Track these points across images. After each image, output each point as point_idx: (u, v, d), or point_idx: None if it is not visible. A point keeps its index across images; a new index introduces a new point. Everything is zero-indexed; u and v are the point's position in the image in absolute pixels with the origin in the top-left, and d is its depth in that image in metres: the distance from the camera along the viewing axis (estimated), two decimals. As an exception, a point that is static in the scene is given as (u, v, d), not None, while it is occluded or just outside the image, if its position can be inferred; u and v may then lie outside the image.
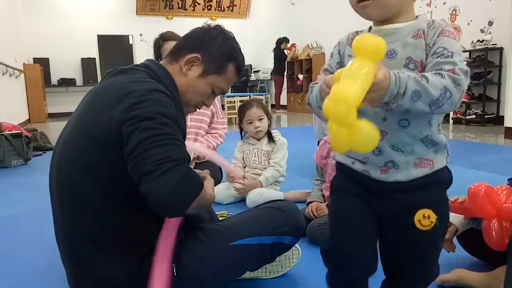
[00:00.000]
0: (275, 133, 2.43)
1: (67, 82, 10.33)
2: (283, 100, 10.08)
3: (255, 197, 2.20)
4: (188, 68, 1.14)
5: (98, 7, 10.63)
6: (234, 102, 7.44)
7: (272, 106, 9.54)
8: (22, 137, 3.89)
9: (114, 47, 11.07)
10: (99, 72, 10.55)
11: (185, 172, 0.90)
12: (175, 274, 1.04)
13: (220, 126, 2.66)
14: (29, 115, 8.60)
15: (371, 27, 0.95)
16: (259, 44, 11.07)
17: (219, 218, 1.50)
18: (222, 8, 11.86)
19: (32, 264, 1.62)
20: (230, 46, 1.18)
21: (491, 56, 5.59)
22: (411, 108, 0.79)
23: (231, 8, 11.95)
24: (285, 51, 9.64)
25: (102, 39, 10.79)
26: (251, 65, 11.27)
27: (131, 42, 11.25)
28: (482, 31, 5.76)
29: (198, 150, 1.87)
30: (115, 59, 9.07)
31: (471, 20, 5.90)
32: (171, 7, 11.36)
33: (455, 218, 1.35)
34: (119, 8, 10.84)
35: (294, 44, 9.90)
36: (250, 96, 7.64)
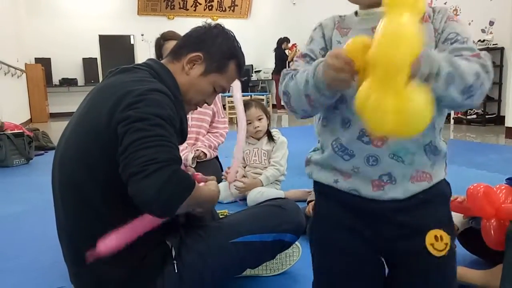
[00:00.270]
0: (274, 132, 2.44)
1: (68, 82, 10.36)
2: (284, 100, 10.07)
3: (256, 196, 2.21)
4: (190, 67, 1.15)
5: (100, 7, 10.65)
6: (235, 102, 7.42)
7: (273, 106, 9.54)
8: (24, 136, 3.90)
9: (116, 47, 11.09)
10: (100, 72, 10.56)
11: (171, 173, 0.88)
12: (176, 271, 1.05)
13: (221, 126, 2.66)
14: (30, 115, 8.61)
15: (357, 12, 0.81)
16: (260, 44, 11.07)
17: (220, 217, 1.51)
18: (224, 8, 11.87)
19: (34, 262, 1.62)
20: (230, 45, 1.19)
21: (492, 56, 5.46)
22: (443, 94, 0.66)
23: (232, 8, 11.96)
24: (286, 51, 9.63)
25: (103, 39, 10.82)
26: (252, 65, 11.27)
27: (132, 42, 11.26)
28: (483, 31, 5.76)
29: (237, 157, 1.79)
30: (117, 59, 9.06)
31: (472, 20, 5.89)
32: (172, 7, 11.37)
33: (455, 217, 1.35)
34: (121, 8, 10.87)
35: (295, 44, 9.89)
36: (251, 96, 7.65)
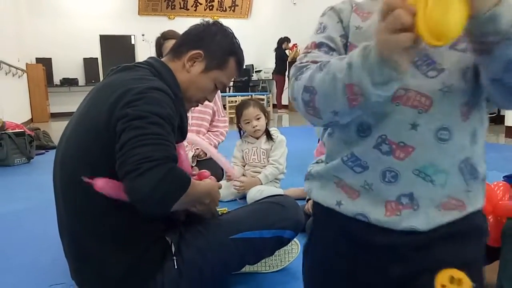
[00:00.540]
0: (273, 131, 2.45)
1: (69, 82, 10.36)
2: (285, 99, 10.07)
3: (255, 194, 2.21)
4: (191, 65, 1.16)
5: (100, 7, 10.66)
6: (236, 101, 7.45)
7: (274, 106, 9.54)
8: (25, 136, 3.91)
9: (116, 47, 11.08)
10: (101, 72, 10.56)
11: (166, 171, 0.88)
12: (175, 267, 1.06)
13: (221, 125, 2.67)
14: (31, 114, 8.62)
15: None
16: (261, 44, 11.07)
17: (219, 215, 1.52)
18: (224, 8, 11.88)
19: (35, 260, 1.63)
20: (229, 41, 1.20)
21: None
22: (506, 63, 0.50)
23: (233, 8, 11.97)
24: (286, 51, 9.63)
25: (104, 39, 10.82)
26: (252, 65, 11.27)
27: (133, 42, 11.27)
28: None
29: (200, 143, 1.86)
30: (117, 59, 9.02)
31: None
32: (173, 7, 11.38)
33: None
34: (121, 8, 10.87)
35: (296, 44, 9.89)
36: (251, 96, 7.66)
